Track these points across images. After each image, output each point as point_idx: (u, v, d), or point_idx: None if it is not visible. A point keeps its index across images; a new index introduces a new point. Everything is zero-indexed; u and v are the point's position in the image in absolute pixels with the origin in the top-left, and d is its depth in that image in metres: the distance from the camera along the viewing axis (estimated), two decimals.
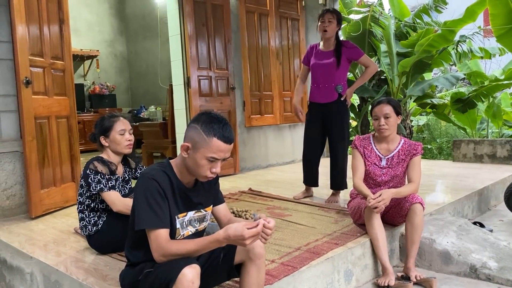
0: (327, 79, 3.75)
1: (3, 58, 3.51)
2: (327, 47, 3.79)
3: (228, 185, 4.66)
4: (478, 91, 7.09)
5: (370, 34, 7.53)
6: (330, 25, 3.70)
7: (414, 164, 2.84)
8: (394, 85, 7.63)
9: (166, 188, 1.70)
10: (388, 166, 2.91)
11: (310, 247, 2.53)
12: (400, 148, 2.90)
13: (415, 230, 2.68)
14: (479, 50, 8.00)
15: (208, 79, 5.08)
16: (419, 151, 2.86)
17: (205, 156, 1.67)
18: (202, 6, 4.99)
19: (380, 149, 2.93)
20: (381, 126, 2.83)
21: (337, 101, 3.75)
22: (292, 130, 6.25)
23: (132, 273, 1.77)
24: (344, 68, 3.76)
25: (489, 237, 2.98)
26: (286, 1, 6.08)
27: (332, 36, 3.76)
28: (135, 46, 9.73)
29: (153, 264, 1.68)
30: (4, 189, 3.50)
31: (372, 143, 2.96)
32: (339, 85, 3.74)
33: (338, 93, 3.74)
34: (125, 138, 2.53)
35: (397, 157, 2.89)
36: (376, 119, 2.87)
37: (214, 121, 1.68)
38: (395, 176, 2.90)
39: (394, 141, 2.92)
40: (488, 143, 5.56)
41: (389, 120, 2.83)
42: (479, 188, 4.10)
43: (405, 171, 2.90)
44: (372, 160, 2.93)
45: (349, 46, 3.77)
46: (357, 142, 2.97)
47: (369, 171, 2.92)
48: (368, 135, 3.02)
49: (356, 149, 2.96)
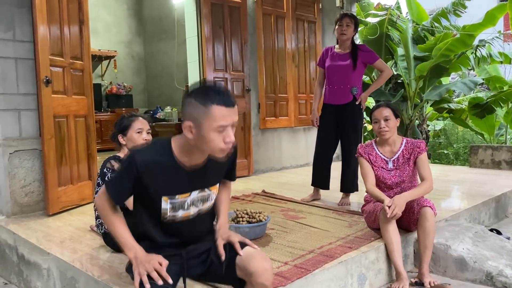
0: (343, 81, 3.75)
1: (25, 58, 3.58)
2: (343, 49, 3.80)
3: (242, 187, 4.67)
4: (497, 97, 6.99)
5: (387, 37, 7.48)
6: (348, 29, 3.71)
7: (422, 162, 2.84)
8: (411, 89, 7.56)
9: (153, 169, 1.64)
10: (395, 167, 2.91)
11: (324, 250, 2.53)
12: (403, 148, 2.90)
13: (427, 235, 2.66)
14: (498, 55, 7.89)
15: (224, 80, 5.11)
16: (423, 148, 2.86)
17: (211, 128, 1.53)
18: (219, 8, 5.03)
19: (384, 153, 2.93)
20: (382, 129, 2.85)
21: (351, 103, 3.74)
22: (307, 132, 6.24)
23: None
24: (359, 71, 3.76)
25: (506, 244, 2.93)
26: (303, 3, 6.08)
27: (349, 39, 3.76)
28: (152, 48, 9.82)
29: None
30: (23, 186, 3.56)
31: (375, 148, 2.97)
32: (355, 87, 3.74)
33: (353, 95, 3.74)
34: (142, 137, 2.57)
35: (402, 157, 2.89)
36: (376, 122, 2.89)
37: (207, 89, 1.56)
38: (405, 176, 2.89)
39: (396, 142, 2.93)
40: (506, 149, 5.47)
41: (389, 123, 2.85)
42: (497, 194, 4.03)
43: (413, 170, 2.89)
44: (379, 164, 2.92)
45: (365, 49, 3.77)
46: (361, 150, 2.98)
47: (378, 176, 2.92)
48: (370, 142, 3.02)
49: (361, 157, 2.97)
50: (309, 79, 6.20)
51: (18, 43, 3.55)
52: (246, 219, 2.78)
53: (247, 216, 2.80)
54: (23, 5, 3.56)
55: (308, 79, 6.19)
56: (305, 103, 6.17)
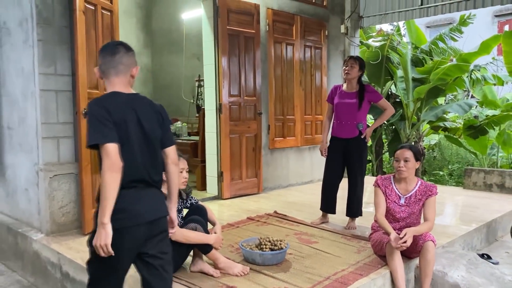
0: (350, 117, 4.13)
1: (64, 90, 3.94)
2: (350, 88, 4.18)
3: (254, 206, 5.05)
4: (490, 119, 7.43)
5: (387, 59, 7.90)
6: (352, 70, 4.09)
7: (430, 204, 3.22)
8: (409, 109, 7.98)
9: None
10: (406, 204, 3.28)
11: (338, 277, 2.91)
12: (417, 189, 3.28)
13: (428, 264, 3.06)
14: (492, 77, 8.33)
15: (238, 105, 5.48)
16: (434, 192, 3.24)
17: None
18: (235, 38, 5.40)
19: (399, 189, 3.31)
20: (400, 168, 3.23)
21: (357, 137, 4.13)
22: (312, 151, 6.63)
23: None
24: (365, 109, 4.15)
25: (496, 271, 3.33)
26: (311, 31, 6.47)
27: (354, 79, 4.14)
28: (160, 59, 10.16)
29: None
30: (60, 207, 3.92)
31: (392, 183, 3.34)
32: (360, 123, 4.13)
33: (359, 130, 4.13)
34: (182, 176, 2.93)
35: (415, 197, 3.27)
36: (397, 160, 3.26)
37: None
38: (412, 214, 3.27)
39: (412, 182, 3.30)
40: (497, 173, 5.90)
41: (408, 164, 3.22)
42: (488, 220, 4.45)
43: (421, 209, 3.27)
44: (392, 198, 3.30)
45: (370, 90, 4.16)
46: (379, 182, 3.35)
47: (389, 208, 3.29)
48: (388, 176, 3.40)
49: (378, 188, 3.34)
50: (315, 101, 6.59)
51: (58, 76, 3.91)
52: (269, 247, 3.16)
53: (270, 244, 3.18)
54: (63, 42, 3.93)
55: (313, 102, 6.58)
56: (310, 124, 6.56)
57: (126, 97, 2.13)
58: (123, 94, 2.13)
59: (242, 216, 4.57)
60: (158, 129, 2.17)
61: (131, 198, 2.05)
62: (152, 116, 2.16)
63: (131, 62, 2.21)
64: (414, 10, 6.55)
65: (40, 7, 3.78)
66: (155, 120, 2.17)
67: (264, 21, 5.80)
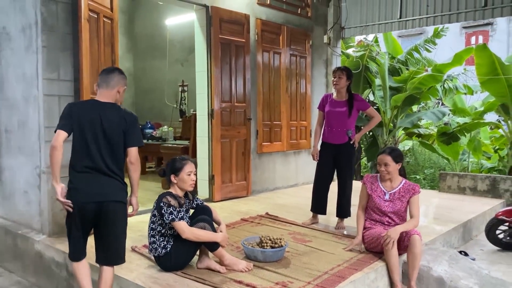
0: (340, 124, 4.41)
1: (67, 95, 4.06)
2: (339, 97, 4.45)
3: (244, 208, 5.26)
4: (462, 127, 7.90)
5: (366, 69, 8.29)
6: (340, 80, 4.37)
7: (414, 202, 3.54)
8: (386, 116, 8.37)
9: None
10: (390, 199, 3.59)
11: (335, 272, 3.16)
12: (401, 186, 3.59)
13: (415, 258, 3.35)
14: (463, 87, 8.84)
15: (228, 111, 5.69)
16: (417, 190, 3.56)
17: None
18: (227, 47, 5.62)
19: (385, 186, 3.62)
20: (382, 172, 3.59)
21: (347, 143, 4.41)
22: (297, 156, 6.90)
23: None
24: (354, 116, 4.44)
25: (474, 266, 3.66)
26: (296, 40, 6.75)
27: (342, 88, 4.41)
28: (143, 64, 10.24)
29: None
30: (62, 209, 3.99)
31: (378, 181, 3.67)
32: (350, 130, 4.41)
33: (348, 136, 4.41)
34: (191, 178, 3.12)
35: (398, 193, 3.58)
36: (379, 164, 3.59)
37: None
38: (397, 210, 3.57)
39: (396, 181, 3.62)
40: (470, 177, 6.31)
41: (388, 167, 3.55)
42: (464, 220, 4.81)
43: (405, 206, 3.58)
44: (378, 194, 3.62)
45: (359, 99, 4.45)
46: (366, 179, 3.70)
47: (375, 203, 3.61)
48: (376, 175, 3.72)
49: (364, 185, 3.67)
50: (299, 108, 6.87)
51: (61, 82, 4.03)
52: (270, 244, 3.38)
53: (270, 242, 3.41)
54: (67, 48, 4.05)
55: (298, 108, 6.85)
56: (295, 130, 6.83)
57: (98, 103, 2.68)
58: (97, 102, 2.70)
59: (234, 217, 4.76)
60: (119, 130, 2.66)
61: (83, 180, 2.64)
62: (115, 119, 2.65)
63: (120, 82, 2.76)
64: (393, 23, 6.92)
65: (45, 15, 3.89)
66: (117, 123, 2.66)
67: (254, 30, 6.04)
